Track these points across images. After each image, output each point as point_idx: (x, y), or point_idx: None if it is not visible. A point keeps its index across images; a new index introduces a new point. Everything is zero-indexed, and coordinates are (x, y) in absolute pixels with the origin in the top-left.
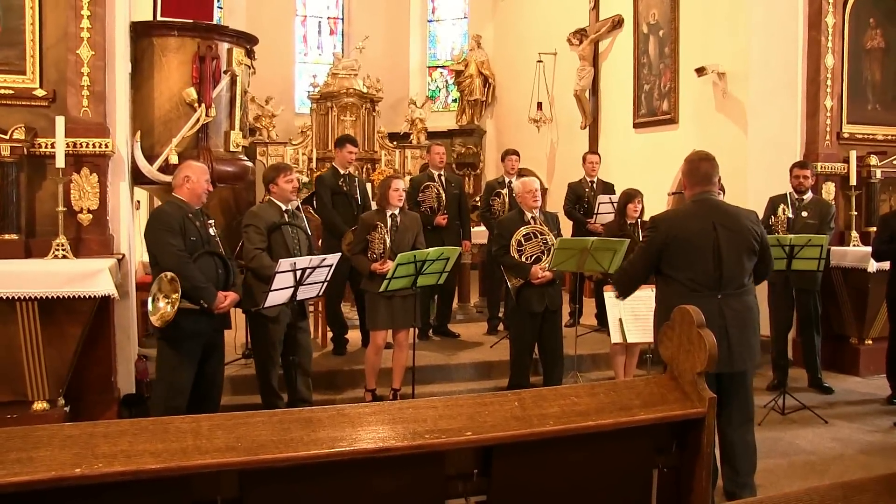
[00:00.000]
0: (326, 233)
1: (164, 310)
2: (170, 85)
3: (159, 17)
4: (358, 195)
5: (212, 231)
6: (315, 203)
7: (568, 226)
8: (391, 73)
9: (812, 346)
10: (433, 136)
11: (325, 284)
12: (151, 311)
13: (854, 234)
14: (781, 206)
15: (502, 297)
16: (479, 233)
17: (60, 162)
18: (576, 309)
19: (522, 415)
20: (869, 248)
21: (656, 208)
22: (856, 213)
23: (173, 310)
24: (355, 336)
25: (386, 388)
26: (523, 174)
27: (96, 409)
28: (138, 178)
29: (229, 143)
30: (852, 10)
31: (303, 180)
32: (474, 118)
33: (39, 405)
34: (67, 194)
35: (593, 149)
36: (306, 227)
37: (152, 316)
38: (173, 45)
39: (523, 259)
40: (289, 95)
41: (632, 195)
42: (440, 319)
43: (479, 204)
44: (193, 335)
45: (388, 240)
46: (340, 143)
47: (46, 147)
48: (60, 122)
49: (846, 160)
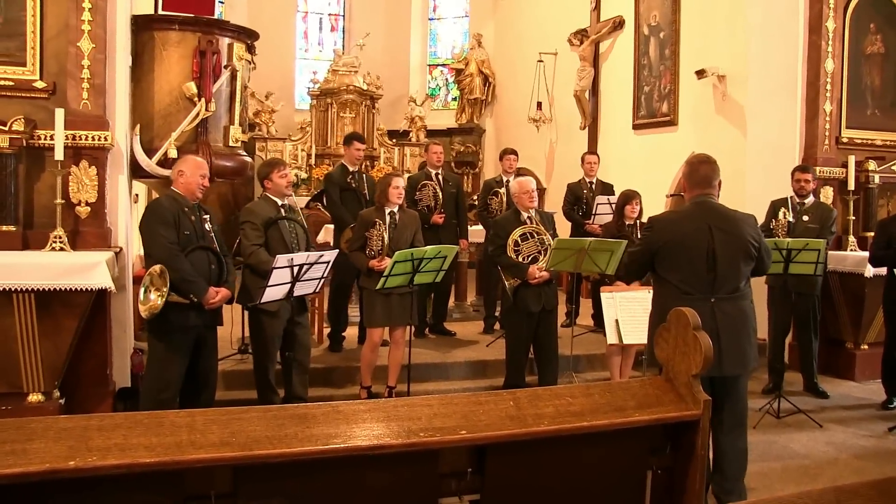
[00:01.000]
0: (337, 230)
1: (153, 302)
2: (170, 79)
3: (160, 11)
4: (366, 191)
5: (208, 226)
6: (325, 200)
7: (566, 226)
8: (391, 70)
9: (809, 350)
10: (432, 134)
11: (321, 281)
12: (142, 301)
13: (851, 238)
14: (782, 209)
15: (499, 296)
16: (477, 232)
17: (59, 154)
18: (572, 309)
19: (517, 414)
20: (866, 253)
21: (654, 210)
22: (853, 217)
23: (162, 302)
24: (352, 333)
25: (381, 385)
26: (521, 174)
27: (91, 402)
28: (137, 171)
29: (228, 138)
30: (853, 14)
31: (301, 176)
32: (474, 117)
33: (34, 397)
34: (66, 186)
35: (592, 149)
36: (303, 222)
37: (141, 306)
38: (174, 39)
39: (520, 259)
40: (289, 91)
41: (630, 196)
42: (436, 318)
43: (477, 203)
44: (181, 329)
45: (386, 237)
46: (348, 141)
47: (45, 139)
48: (60, 114)
49: (845, 165)
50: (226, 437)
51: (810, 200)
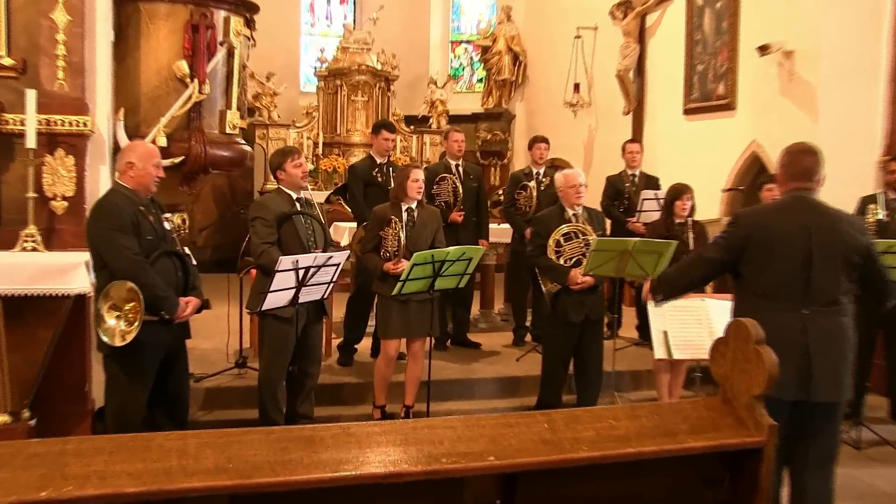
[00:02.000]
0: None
1: (121, 328)
2: (158, 57)
3: None
4: None
5: (167, 225)
6: (347, 195)
7: (607, 224)
8: (409, 48)
9: None
10: (455, 120)
11: (331, 286)
12: (104, 329)
13: None
14: (872, 206)
15: (530, 303)
16: (501, 231)
17: (31, 142)
18: (614, 319)
19: (552, 438)
20: None
21: (708, 207)
22: None
23: (137, 325)
24: (364, 345)
25: (397, 404)
26: (554, 165)
27: (67, 424)
28: None
29: (225, 124)
30: None
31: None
32: (502, 100)
33: (0, 418)
34: (39, 178)
35: (636, 137)
36: (321, 217)
37: (105, 335)
38: (162, 12)
39: (561, 261)
40: (293, 72)
41: (680, 191)
42: (459, 328)
43: (504, 198)
44: (153, 348)
45: (403, 236)
46: (376, 130)
47: (15, 124)
48: (31, 95)
49: None
50: (222, 462)
51: None
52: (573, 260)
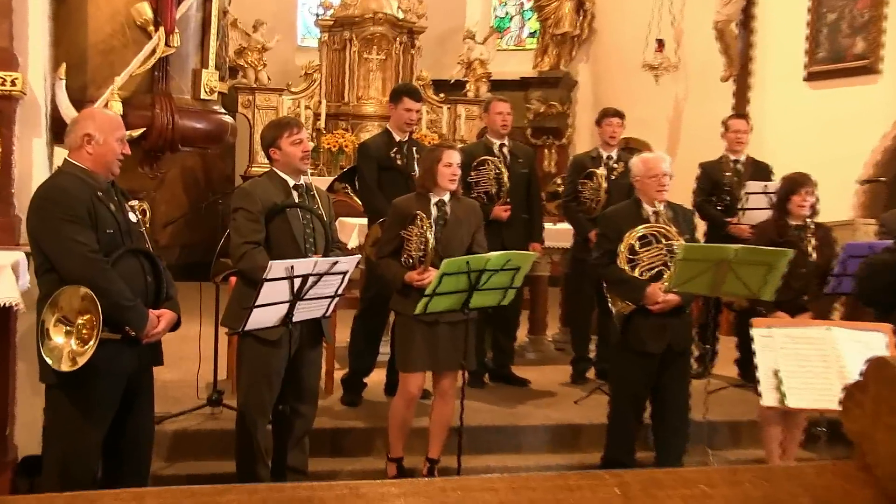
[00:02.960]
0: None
1: (71, 347)
2: None
3: None
4: (417, 172)
5: (133, 217)
6: (356, 182)
7: (700, 226)
8: None
9: None
10: (498, 86)
11: (334, 300)
12: (48, 348)
13: None
14: None
15: (595, 328)
16: (560, 232)
17: None
18: (707, 352)
19: None
20: None
21: (836, 204)
22: None
23: (92, 344)
24: (376, 378)
25: (419, 457)
26: (630, 147)
27: None
28: (61, 133)
29: (199, 87)
30: None
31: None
32: (561, 62)
33: None
34: None
35: (740, 111)
36: (325, 210)
37: (49, 357)
38: None
39: (637, 273)
40: (288, 21)
41: (799, 183)
42: (501, 359)
43: (563, 189)
44: (113, 376)
45: (431, 238)
46: (396, 97)
47: None
48: None
49: None
50: None
51: None
52: (652, 271)
